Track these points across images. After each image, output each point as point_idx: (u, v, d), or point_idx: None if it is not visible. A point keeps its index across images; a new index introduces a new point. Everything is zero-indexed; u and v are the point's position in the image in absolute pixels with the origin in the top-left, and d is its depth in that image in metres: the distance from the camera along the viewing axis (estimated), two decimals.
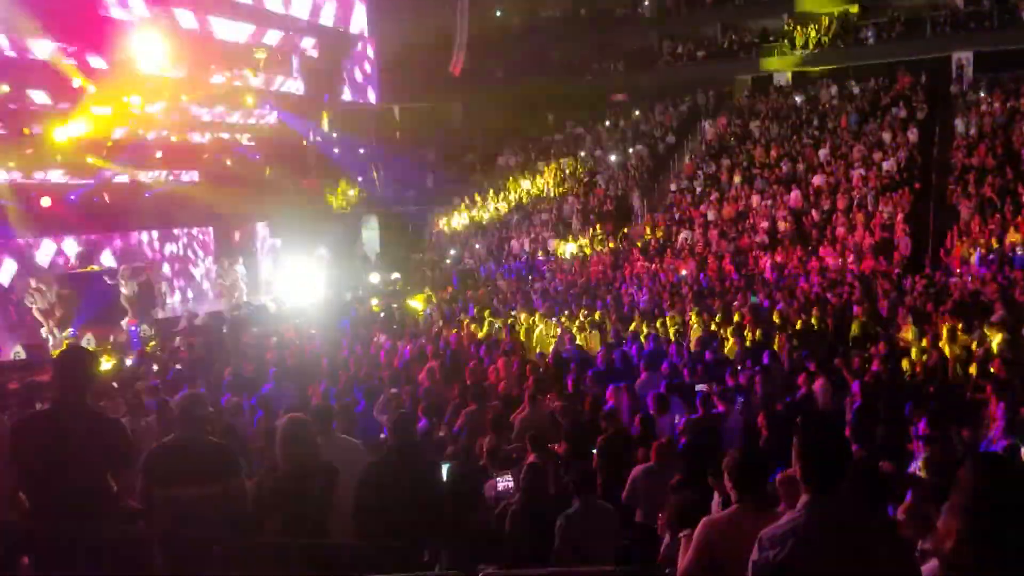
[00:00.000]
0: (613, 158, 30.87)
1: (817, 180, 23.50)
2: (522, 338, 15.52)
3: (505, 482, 6.86)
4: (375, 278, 27.72)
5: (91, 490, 3.99)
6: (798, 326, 13.76)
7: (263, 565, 4.30)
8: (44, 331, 18.38)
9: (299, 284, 25.02)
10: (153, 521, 4.28)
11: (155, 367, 14.01)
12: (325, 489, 4.99)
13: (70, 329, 18.04)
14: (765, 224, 22.48)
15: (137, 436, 7.78)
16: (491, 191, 31.69)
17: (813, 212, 22.21)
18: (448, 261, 28.59)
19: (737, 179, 25.48)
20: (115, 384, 12.38)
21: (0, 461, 3.93)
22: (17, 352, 17.19)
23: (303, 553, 4.50)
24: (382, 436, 8.60)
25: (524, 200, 30.74)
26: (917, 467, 6.18)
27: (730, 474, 3.98)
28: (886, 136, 24.41)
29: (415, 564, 4.82)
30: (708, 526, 3.86)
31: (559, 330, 15.61)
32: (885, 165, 22.75)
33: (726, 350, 12.67)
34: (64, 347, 13.14)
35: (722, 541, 3.68)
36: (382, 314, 20.89)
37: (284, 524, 4.77)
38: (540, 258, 26.67)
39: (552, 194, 30.31)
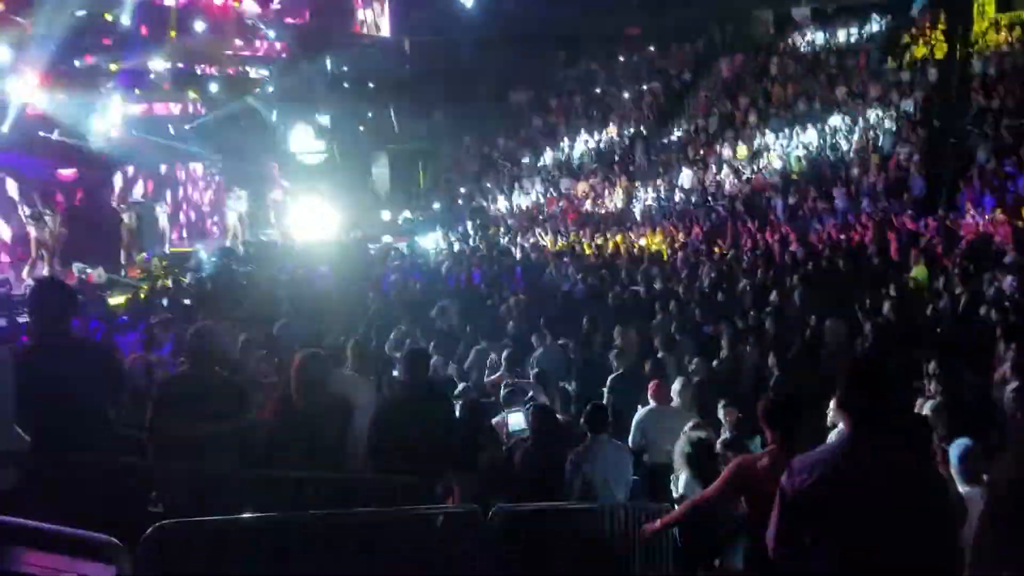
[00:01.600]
0: (627, 95, 30.37)
1: (833, 119, 23.13)
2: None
3: (516, 418, 6.91)
4: (385, 215, 27.65)
5: (87, 419, 4.01)
6: (810, 267, 13.69)
7: (278, 499, 4.35)
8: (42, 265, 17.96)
9: (308, 221, 24.96)
10: (157, 452, 4.31)
11: (164, 301, 14.06)
12: (340, 424, 5.04)
13: (79, 264, 17.93)
14: (780, 164, 22.22)
15: (151, 369, 7.87)
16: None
17: (828, 152, 21.92)
18: (459, 201, 28.43)
19: (753, 118, 25.09)
20: (127, 318, 12.49)
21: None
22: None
23: (318, 488, 4.55)
24: (394, 373, 8.67)
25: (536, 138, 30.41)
26: (928, 409, 6.18)
27: (766, 416, 3.99)
28: (904, 75, 23.92)
29: (429, 498, 4.88)
30: (742, 466, 3.93)
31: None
32: (903, 105, 22.35)
33: (738, 291, 12.63)
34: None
35: (755, 483, 3.73)
36: (392, 251, 20.92)
37: (300, 459, 4.82)
38: (551, 196, 26.48)
39: (563, 132, 29.95)
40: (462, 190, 29.32)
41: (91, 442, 3.96)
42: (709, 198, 22.25)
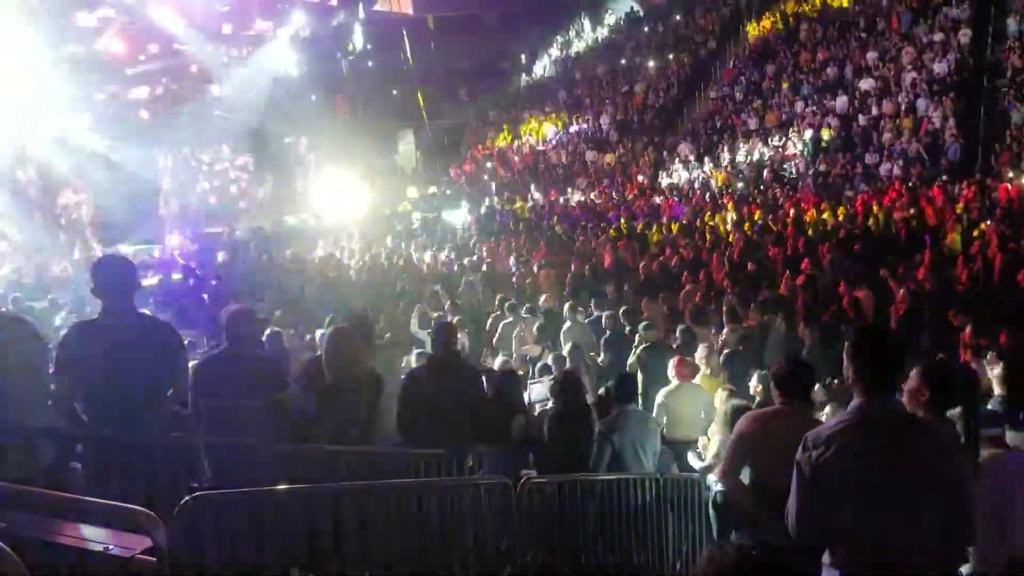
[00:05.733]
0: (652, 64, 30.05)
1: (865, 84, 22.71)
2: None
3: (538, 388, 6.91)
4: (412, 192, 27.72)
5: (144, 395, 4.05)
6: (841, 235, 13.51)
7: (312, 473, 4.41)
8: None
9: (337, 198, 25.07)
10: (198, 429, 4.35)
11: (191, 282, 14.27)
12: (370, 399, 5.08)
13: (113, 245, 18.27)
14: (810, 132, 21.90)
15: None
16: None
17: (860, 117, 21.55)
18: (485, 176, 28.40)
19: (783, 85, 24.72)
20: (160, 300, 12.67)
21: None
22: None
23: (350, 461, 4.60)
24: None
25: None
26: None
27: (776, 381, 4.02)
28: (937, 37, 23.38)
29: (459, 470, 4.91)
30: (747, 419, 3.94)
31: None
32: (935, 68, 21.87)
33: (768, 260, 12.51)
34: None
35: (761, 433, 3.76)
36: (418, 227, 21.00)
37: (332, 433, 4.87)
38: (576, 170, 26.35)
39: (589, 103, 29.75)
40: (488, 165, 29.27)
41: (146, 418, 4.02)
42: (739, 168, 22.01)
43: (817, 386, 5.65)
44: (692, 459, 6.46)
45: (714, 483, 5.27)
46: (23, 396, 3.78)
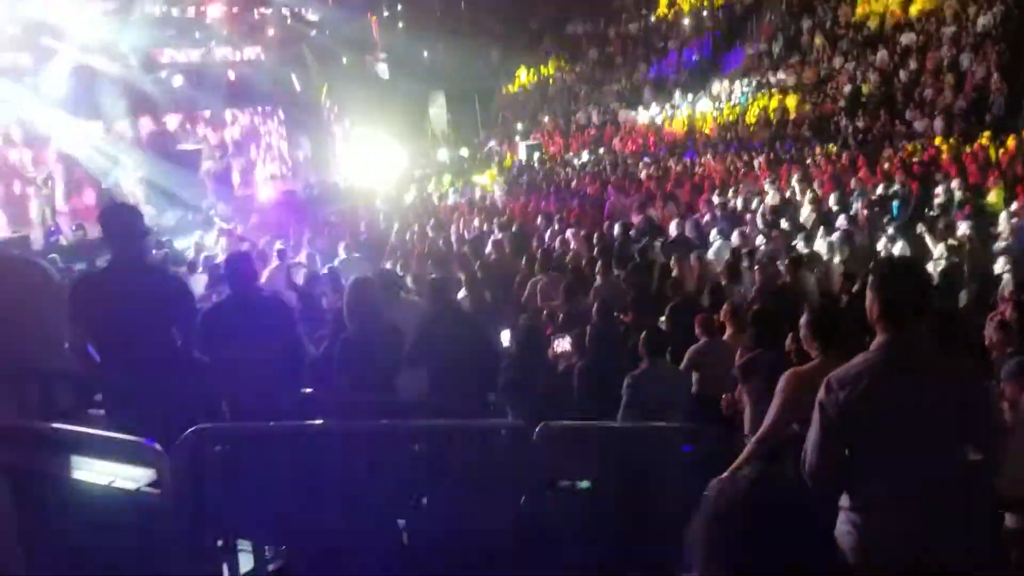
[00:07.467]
0: (687, 22, 29.44)
1: (905, 39, 22.06)
2: None
3: (562, 342, 6.85)
4: (443, 155, 27.62)
5: (155, 343, 4.06)
6: (879, 191, 13.21)
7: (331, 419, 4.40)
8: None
9: (368, 161, 25.08)
10: (206, 373, 4.36)
11: (223, 242, 14.38)
12: (393, 353, 5.06)
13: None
14: (849, 86, 21.37)
15: None
16: (559, 58, 30.77)
17: (901, 73, 20.96)
18: (516, 137, 28.18)
19: (819, 40, 24.10)
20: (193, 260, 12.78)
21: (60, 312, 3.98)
22: None
23: (370, 411, 4.59)
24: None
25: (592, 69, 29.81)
26: None
27: (810, 330, 3.88)
28: None
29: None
30: (793, 377, 3.82)
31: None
32: (980, 20, 21.16)
33: (802, 218, 12.28)
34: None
35: (806, 393, 3.62)
36: (451, 190, 20.93)
37: (352, 383, 4.86)
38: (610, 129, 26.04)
39: (621, 61, 29.29)
40: (519, 126, 29.02)
41: (154, 361, 4.02)
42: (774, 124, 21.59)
43: None
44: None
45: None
46: (43, 339, 3.79)
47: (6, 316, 3.43)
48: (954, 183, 12.80)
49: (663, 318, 8.53)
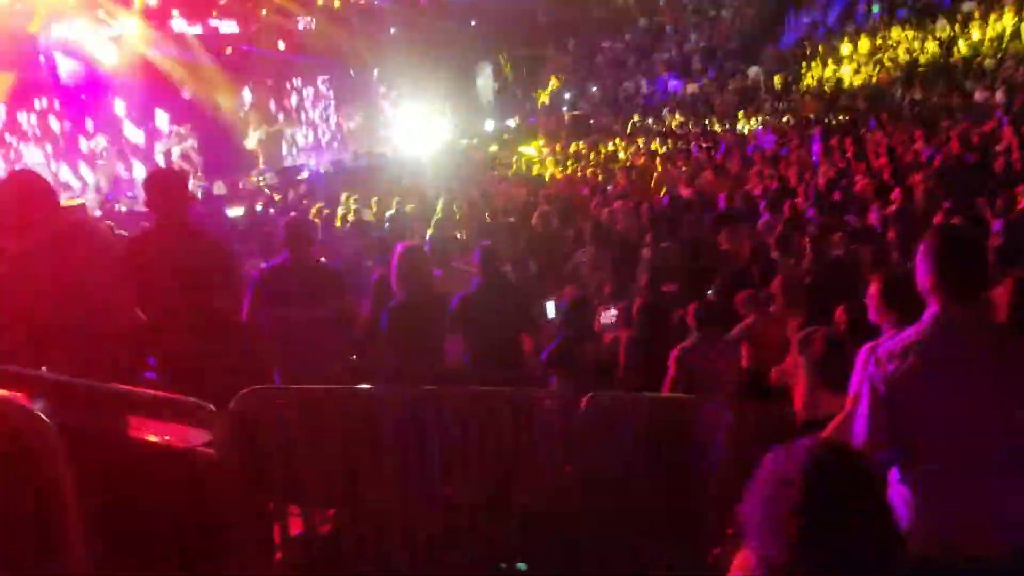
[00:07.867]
0: None
1: (967, 6, 21.32)
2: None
3: (608, 313, 6.81)
4: (490, 125, 27.51)
5: (199, 307, 4.08)
6: (936, 164, 12.83)
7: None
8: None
9: (416, 132, 25.09)
10: (257, 337, 4.40)
11: (271, 210, 14.55)
12: (439, 316, 5.08)
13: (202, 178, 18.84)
14: (907, 57, 20.75)
15: None
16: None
17: (960, 43, 20.29)
18: (564, 108, 27.90)
19: (875, 9, 23.42)
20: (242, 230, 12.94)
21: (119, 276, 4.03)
22: None
23: (416, 378, 4.61)
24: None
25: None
26: None
27: (885, 299, 3.69)
28: None
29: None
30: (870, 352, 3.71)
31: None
32: None
33: (857, 189, 11.99)
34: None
35: None
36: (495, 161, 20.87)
37: (403, 350, 4.89)
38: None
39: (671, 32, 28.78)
40: (566, 96, 28.72)
41: (200, 326, 4.07)
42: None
43: None
44: None
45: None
46: (107, 303, 3.84)
47: (77, 280, 3.50)
48: (1014, 157, 12.38)
49: (711, 291, 8.44)
